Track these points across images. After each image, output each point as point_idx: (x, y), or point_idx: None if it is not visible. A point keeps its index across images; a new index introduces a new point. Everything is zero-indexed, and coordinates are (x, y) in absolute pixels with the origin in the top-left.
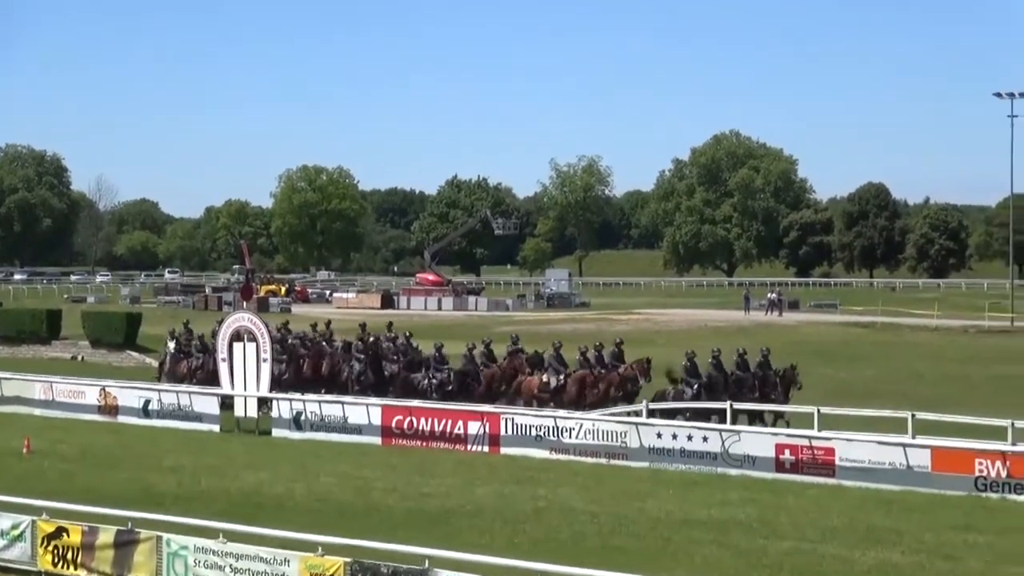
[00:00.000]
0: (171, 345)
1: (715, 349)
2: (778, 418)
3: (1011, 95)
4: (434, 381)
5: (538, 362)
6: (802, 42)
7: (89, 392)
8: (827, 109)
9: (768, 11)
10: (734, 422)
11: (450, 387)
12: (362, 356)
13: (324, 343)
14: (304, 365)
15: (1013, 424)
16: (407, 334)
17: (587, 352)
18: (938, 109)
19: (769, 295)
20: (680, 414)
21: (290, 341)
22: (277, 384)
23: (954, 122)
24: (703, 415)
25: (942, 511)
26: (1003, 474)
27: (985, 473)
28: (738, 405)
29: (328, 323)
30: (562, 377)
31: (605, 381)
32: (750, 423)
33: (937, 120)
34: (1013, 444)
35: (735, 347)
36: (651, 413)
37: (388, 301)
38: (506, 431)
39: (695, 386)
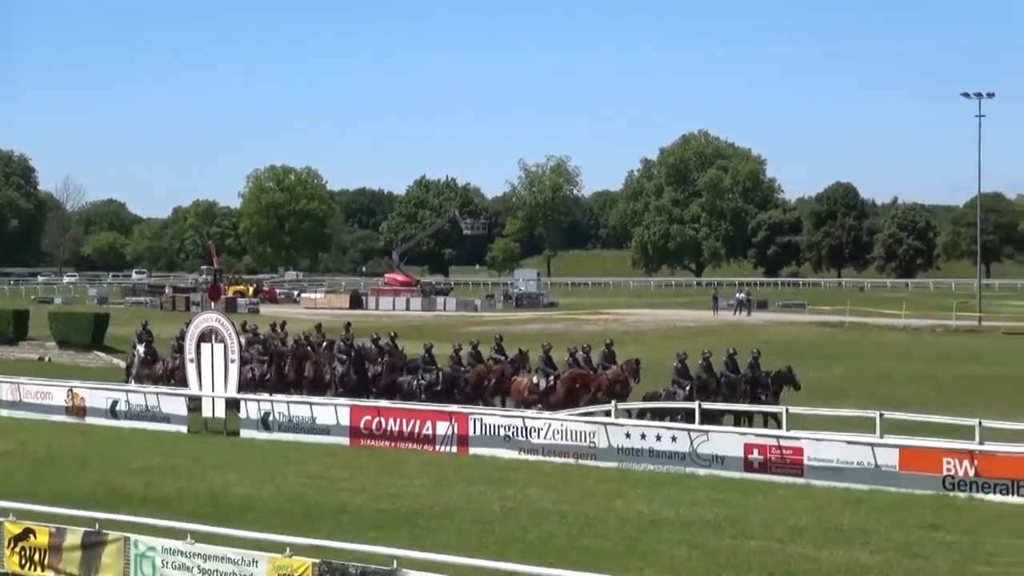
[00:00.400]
0: (140, 348)
1: (705, 351)
2: (768, 419)
3: (979, 95)
4: (422, 382)
5: (521, 362)
6: (770, 42)
7: (56, 393)
8: (795, 109)
9: (737, 12)
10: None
11: (438, 388)
12: (344, 357)
13: (281, 343)
14: (287, 367)
15: (981, 423)
16: (392, 335)
17: (576, 353)
18: (906, 109)
19: (737, 295)
20: (671, 415)
21: (284, 341)
22: (260, 385)
23: (922, 122)
24: (693, 416)
25: (910, 510)
26: (971, 473)
27: (953, 472)
28: (707, 405)
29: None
30: (551, 379)
31: (594, 383)
32: (736, 424)
33: (905, 120)
34: (981, 443)
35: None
36: (641, 414)
37: (356, 301)
38: (474, 431)
39: (687, 387)
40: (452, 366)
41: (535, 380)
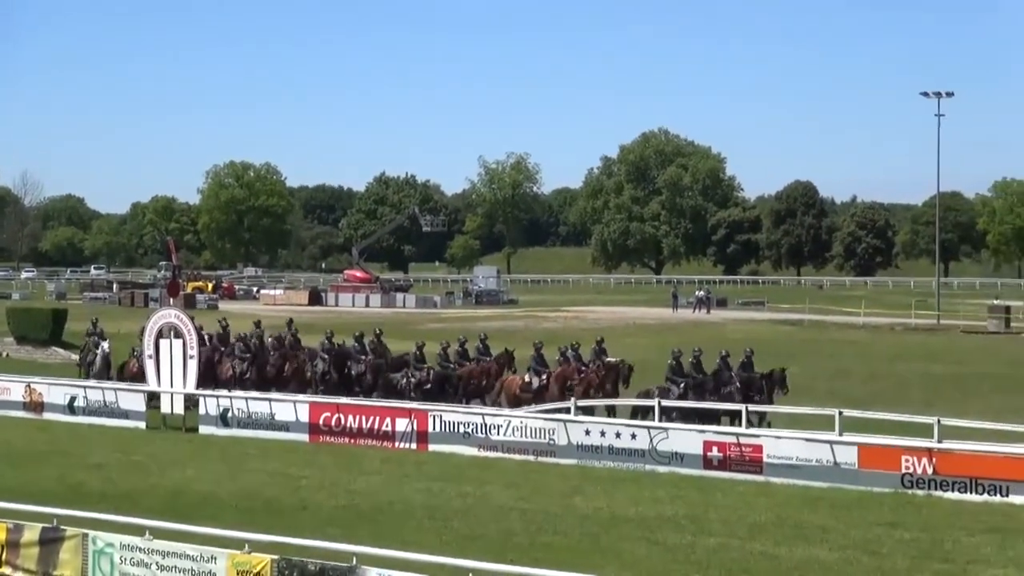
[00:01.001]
0: (105, 345)
1: (696, 349)
2: (761, 419)
3: (938, 94)
4: (412, 380)
5: (508, 361)
6: (730, 41)
7: (14, 389)
8: (755, 108)
9: (698, 10)
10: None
11: (428, 386)
12: (327, 356)
13: (259, 341)
14: (270, 364)
15: (939, 421)
16: (377, 332)
17: (566, 351)
18: (865, 108)
19: (697, 293)
20: (665, 415)
21: (261, 339)
22: (240, 383)
23: (881, 121)
24: (689, 416)
25: (869, 508)
26: (929, 471)
27: (911, 470)
28: (665, 403)
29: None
30: (544, 377)
31: (585, 380)
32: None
33: (864, 119)
34: (939, 441)
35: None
36: (634, 413)
37: (315, 298)
38: (434, 428)
39: (681, 385)
40: (441, 364)
41: (528, 378)
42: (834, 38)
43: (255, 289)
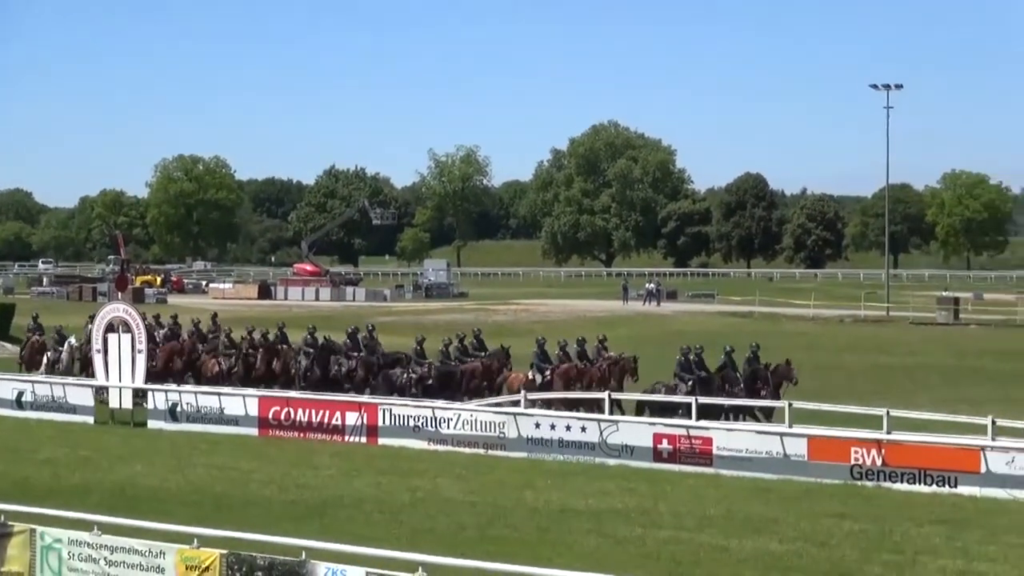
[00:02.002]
0: (72, 340)
1: (698, 346)
2: (769, 415)
3: (887, 87)
4: (413, 376)
5: (504, 358)
6: (680, 32)
7: None
8: (705, 100)
9: (646, 1)
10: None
11: (429, 382)
12: (310, 351)
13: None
14: (257, 361)
15: (889, 412)
16: (370, 327)
17: (566, 347)
18: (815, 100)
19: (647, 285)
20: (673, 411)
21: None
22: (225, 380)
23: (831, 113)
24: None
25: (818, 499)
26: (878, 462)
27: (861, 461)
28: (623, 396)
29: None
30: (547, 373)
31: (587, 376)
32: (736, 419)
33: (814, 111)
34: (888, 432)
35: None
36: (640, 409)
37: (265, 291)
38: (384, 422)
39: (688, 382)
40: (442, 360)
41: (531, 375)
42: (783, 30)
43: (204, 283)
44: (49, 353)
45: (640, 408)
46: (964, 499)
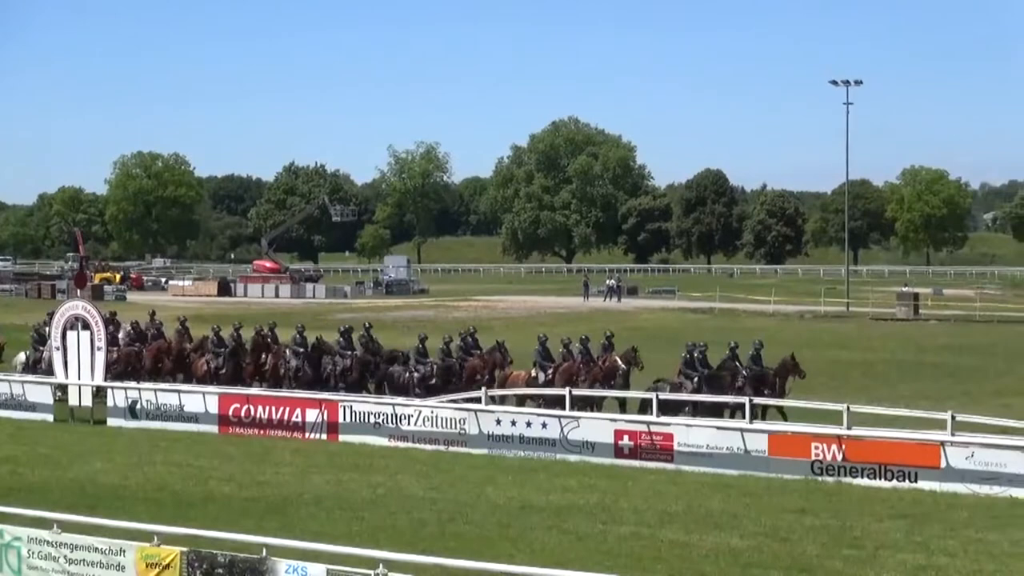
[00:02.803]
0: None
1: (701, 343)
2: (777, 411)
3: (847, 83)
4: (416, 375)
5: (502, 354)
6: (640, 29)
7: None
8: (665, 96)
9: None
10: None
11: (433, 380)
12: (300, 351)
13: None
14: (247, 360)
15: (849, 408)
16: (367, 326)
17: (570, 344)
18: (775, 96)
19: (608, 281)
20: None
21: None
22: (215, 379)
23: (790, 109)
24: (710, 410)
25: (779, 495)
26: (839, 458)
27: (821, 457)
28: (577, 391)
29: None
30: (549, 372)
31: (590, 374)
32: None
33: (774, 107)
34: (848, 428)
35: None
36: (643, 407)
37: (224, 288)
38: (344, 418)
39: (695, 379)
40: (443, 358)
41: (533, 373)
42: (743, 26)
43: (163, 280)
44: (27, 352)
45: (644, 405)
46: (924, 494)
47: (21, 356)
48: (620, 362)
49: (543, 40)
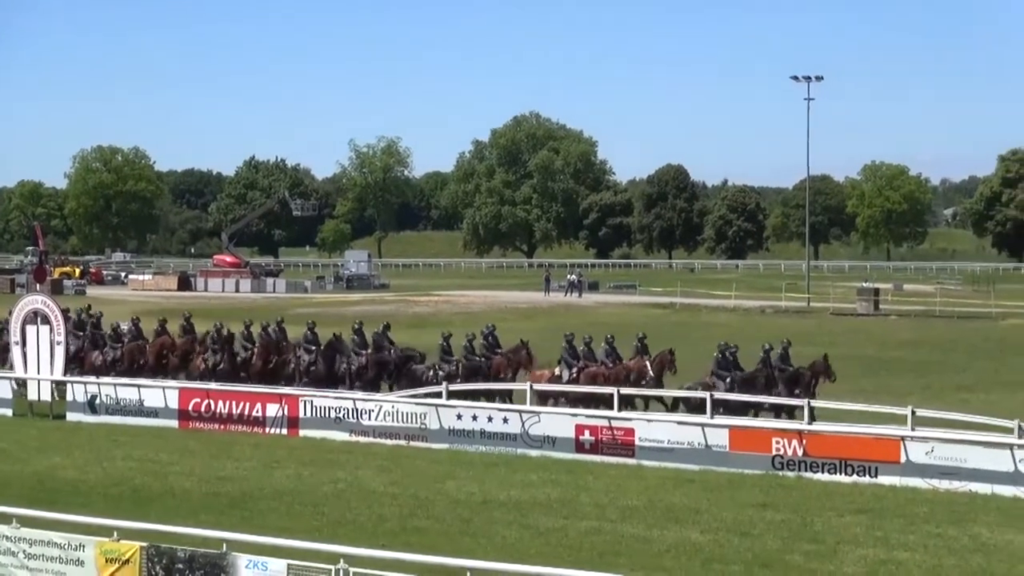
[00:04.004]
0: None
1: (732, 344)
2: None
3: (808, 78)
4: (441, 373)
5: (528, 351)
6: (600, 24)
7: None
8: (626, 91)
9: None
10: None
11: (458, 379)
12: (312, 347)
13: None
14: (253, 356)
15: (809, 403)
16: (385, 324)
17: (591, 343)
18: (736, 92)
19: (569, 276)
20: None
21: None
22: (212, 375)
23: (752, 105)
24: (740, 409)
25: (740, 489)
26: (799, 452)
27: (782, 452)
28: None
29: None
30: (574, 371)
31: (612, 376)
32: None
33: (735, 102)
34: (809, 423)
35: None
36: (674, 406)
37: (185, 283)
38: (305, 413)
39: (727, 380)
40: (467, 356)
41: (557, 371)
42: (704, 21)
43: (123, 274)
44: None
45: (676, 405)
46: (884, 489)
47: None
48: (649, 368)
49: (504, 35)
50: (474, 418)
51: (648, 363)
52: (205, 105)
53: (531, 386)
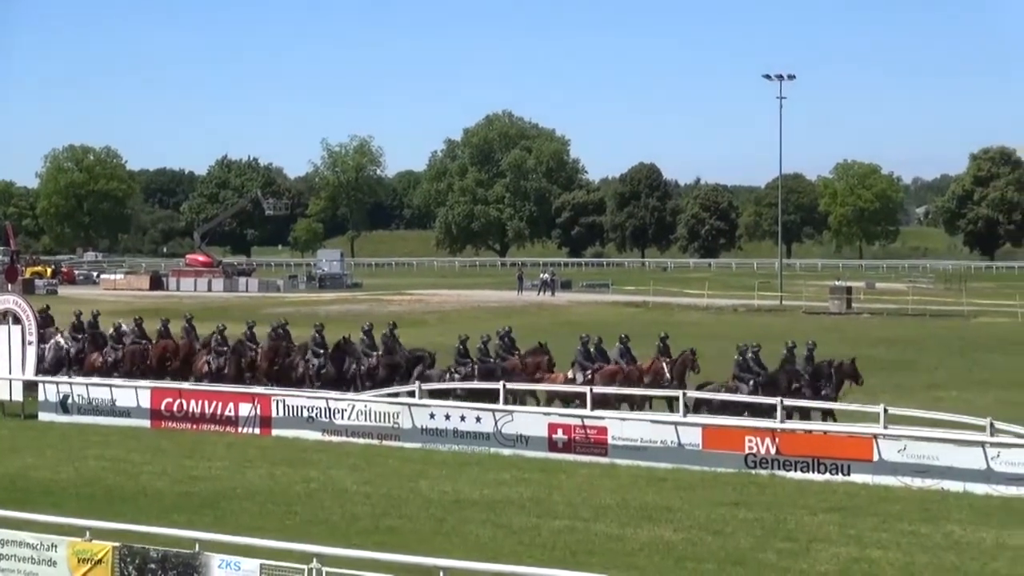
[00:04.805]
0: (60, 339)
1: (754, 344)
2: (826, 415)
3: (780, 77)
4: (457, 376)
5: (547, 354)
6: (573, 24)
7: None
8: (599, 90)
9: None
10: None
11: (474, 382)
12: (321, 351)
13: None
14: (259, 358)
15: (782, 402)
16: (392, 325)
17: (601, 344)
18: (709, 91)
19: (542, 275)
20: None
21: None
22: (217, 378)
23: (724, 104)
24: (764, 412)
25: (713, 488)
26: (772, 451)
27: (755, 450)
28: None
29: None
30: (589, 373)
31: (630, 376)
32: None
33: (708, 102)
34: (782, 422)
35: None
36: (697, 407)
37: (157, 283)
38: (277, 412)
39: (750, 382)
40: (481, 358)
41: (571, 375)
42: (676, 20)
43: (95, 274)
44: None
45: (698, 406)
46: (857, 487)
47: None
48: (666, 369)
49: (477, 34)
50: (447, 417)
51: (665, 364)
52: (177, 104)
53: (544, 388)
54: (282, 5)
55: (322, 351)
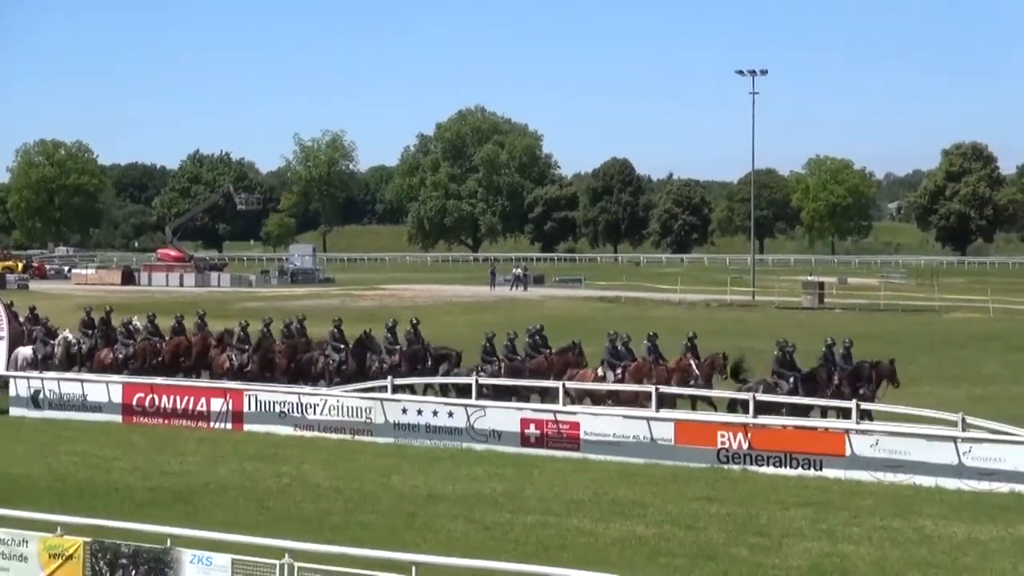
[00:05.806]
0: (68, 335)
1: (791, 343)
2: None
3: (753, 72)
4: (483, 374)
5: (579, 352)
6: (546, 18)
7: None
8: (571, 85)
9: None
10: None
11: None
12: (341, 346)
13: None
14: (278, 356)
15: (755, 397)
16: (413, 321)
17: (628, 343)
18: (681, 86)
19: (514, 270)
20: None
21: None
22: (240, 374)
23: (697, 99)
24: (802, 411)
25: (685, 483)
26: (744, 446)
27: (727, 445)
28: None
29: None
30: (619, 371)
31: (656, 375)
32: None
33: (680, 97)
34: (754, 416)
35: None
36: (731, 407)
37: (128, 277)
38: (249, 408)
39: (791, 379)
40: (508, 356)
41: (601, 372)
42: (649, 15)
43: (67, 268)
44: (34, 347)
45: (733, 406)
46: (829, 482)
47: None
48: (695, 367)
49: (449, 29)
50: (419, 412)
51: (693, 363)
52: (149, 99)
53: (564, 385)
54: (254, 1)
55: (343, 347)
